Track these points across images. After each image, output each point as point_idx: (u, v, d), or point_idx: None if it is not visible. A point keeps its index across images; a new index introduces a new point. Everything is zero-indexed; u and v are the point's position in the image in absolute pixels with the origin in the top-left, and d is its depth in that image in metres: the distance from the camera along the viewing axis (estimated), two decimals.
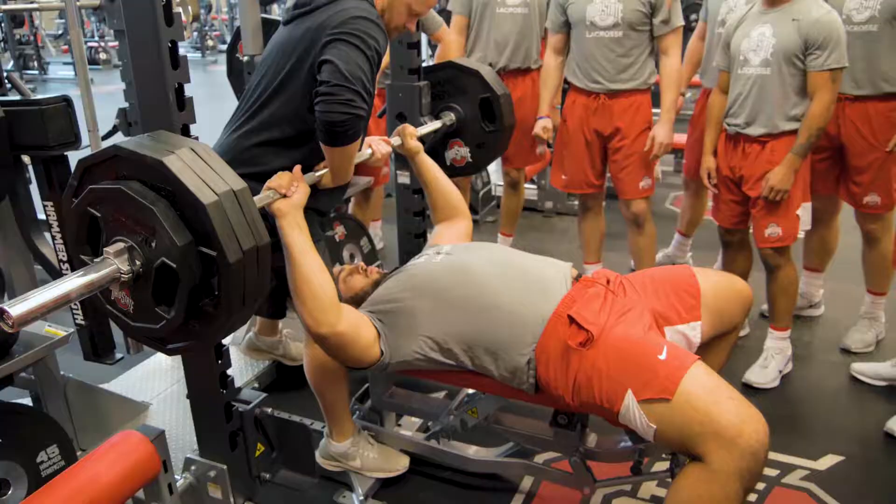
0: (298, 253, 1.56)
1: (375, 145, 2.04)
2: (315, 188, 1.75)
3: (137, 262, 1.18)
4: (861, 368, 2.68)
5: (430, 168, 2.20)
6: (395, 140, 2.12)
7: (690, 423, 1.40)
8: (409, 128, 2.16)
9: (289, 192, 1.59)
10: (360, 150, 1.93)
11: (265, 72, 1.83)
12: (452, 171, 2.55)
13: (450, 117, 2.44)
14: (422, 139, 2.20)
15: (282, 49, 1.80)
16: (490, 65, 3.24)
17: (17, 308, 1.03)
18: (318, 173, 1.77)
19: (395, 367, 1.76)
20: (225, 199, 1.17)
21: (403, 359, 1.72)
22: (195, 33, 14.61)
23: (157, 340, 1.30)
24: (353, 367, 1.74)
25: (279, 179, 1.60)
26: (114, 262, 1.16)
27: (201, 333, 1.25)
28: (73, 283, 1.12)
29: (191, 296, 1.19)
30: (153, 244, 1.16)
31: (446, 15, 3.57)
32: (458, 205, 2.21)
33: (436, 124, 2.38)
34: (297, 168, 1.65)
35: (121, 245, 1.18)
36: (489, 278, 1.72)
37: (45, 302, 1.07)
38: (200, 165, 1.18)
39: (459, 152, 2.52)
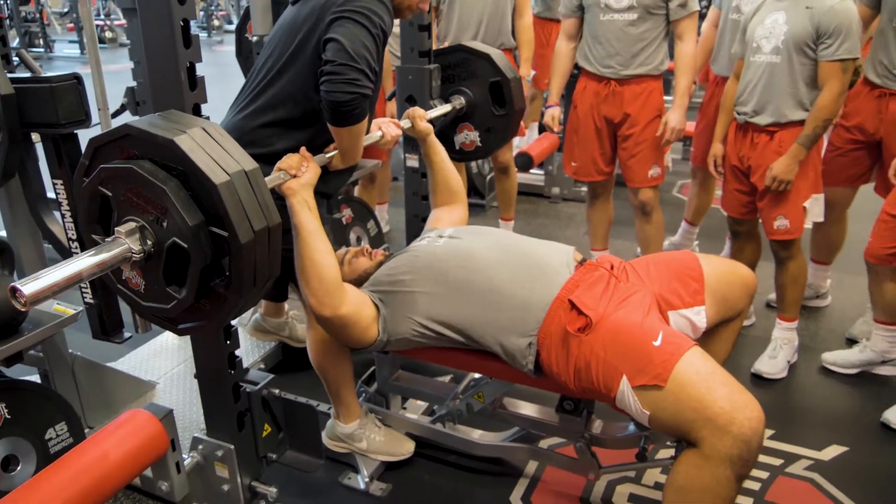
0: (307, 234, 1.57)
1: (385, 127, 2.03)
2: (323, 170, 1.74)
3: (149, 242, 1.18)
4: (832, 359, 2.68)
5: (439, 151, 2.19)
6: (406, 123, 2.11)
7: (684, 410, 1.41)
8: (419, 110, 2.15)
9: (299, 173, 1.59)
10: (368, 131, 1.92)
11: (271, 51, 1.82)
12: (462, 154, 2.54)
13: (459, 101, 2.43)
14: (431, 122, 2.20)
15: (289, 28, 1.79)
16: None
17: (29, 287, 1.03)
18: (327, 155, 1.76)
19: (395, 347, 1.77)
20: (236, 179, 1.16)
21: (402, 336, 1.73)
22: (201, 13, 14.53)
23: (167, 320, 1.30)
24: (354, 346, 1.75)
25: (289, 160, 1.60)
26: (125, 242, 1.16)
27: (212, 314, 1.25)
28: (84, 262, 1.12)
29: (202, 276, 1.19)
30: (164, 224, 1.16)
31: None
32: (459, 191, 2.22)
33: (446, 107, 2.37)
34: (304, 149, 1.65)
35: (132, 224, 1.18)
36: (491, 262, 1.72)
37: (57, 281, 1.07)
38: (212, 145, 1.18)
39: (469, 136, 2.51)
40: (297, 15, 1.77)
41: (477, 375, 2.03)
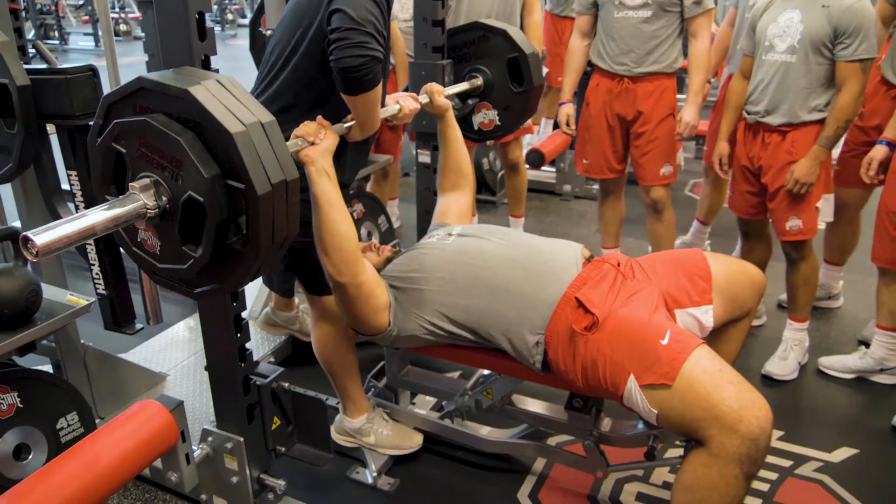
0: (326, 203, 1.56)
1: (403, 101, 2.01)
2: (340, 157, 1.74)
3: (164, 198, 1.15)
4: (829, 363, 2.66)
5: (455, 129, 2.17)
6: (424, 98, 2.08)
7: (692, 409, 1.41)
8: (436, 85, 2.12)
9: (317, 140, 1.57)
10: (384, 104, 1.90)
11: (279, 39, 1.83)
12: (480, 135, 2.52)
13: (477, 80, 2.39)
14: (449, 99, 2.17)
15: (294, 14, 1.79)
16: None
17: (41, 237, 1.01)
18: (346, 124, 1.72)
19: (405, 343, 1.77)
20: (252, 129, 1.13)
21: (411, 333, 1.73)
22: (215, 6, 14.56)
23: (183, 283, 1.26)
24: (361, 329, 1.75)
25: (306, 127, 1.58)
26: (140, 198, 1.13)
27: (229, 274, 1.21)
28: (98, 215, 1.10)
29: (218, 232, 1.15)
30: (180, 179, 1.13)
31: None
32: (469, 175, 2.20)
33: (463, 85, 2.34)
34: (321, 117, 1.63)
35: (147, 180, 1.15)
36: (500, 260, 1.72)
37: (69, 233, 1.05)
38: (227, 96, 1.15)
39: (487, 115, 2.48)
40: (300, 1, 1.77)
41: (486, 372, 2.03)
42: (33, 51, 2.92)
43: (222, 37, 13.94)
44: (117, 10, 13.85)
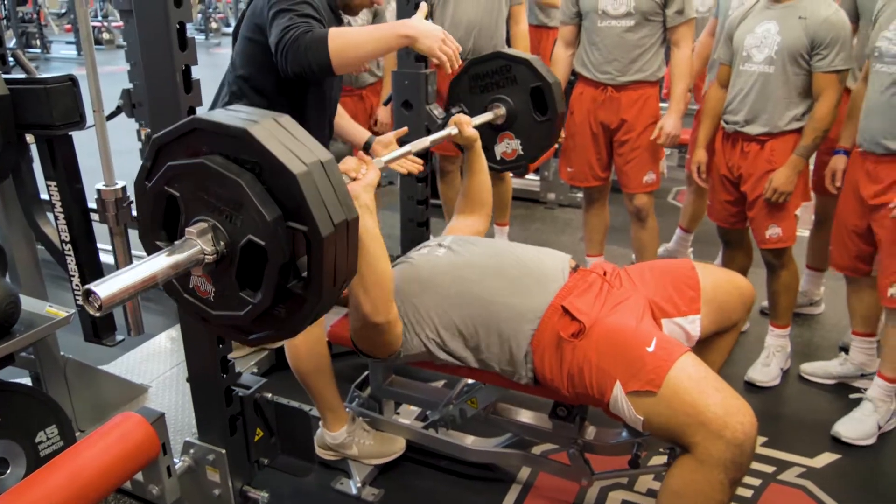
0: (370, 239, 1.52)
1: (408, 165, 2.10)
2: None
3: (221, 243, 1.10)
4: (811, 369, 2.68)
5: (482, 159, 2.17)
6: (452, 129, 2.07)
7: (677, 415, 1.42)
8: (464, 117, 2.12)
9: (359, 175, 1.55)
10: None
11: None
12: (503, 164, 2.49)
13: (500, 110, 2.38)
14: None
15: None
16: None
17: (104, 288, 0.97)
18: (384, 158, 1.70)
19: (404, 361, 1.76)
20: (314, 169, 1.08)
21: (415, 351, 1.73)
22: (199, 15, 14.53)
23: (238, 330, 1.21)
24: (377, 356, 1.72)
25: (346, 163, 1.57)
26: (197, 243, 1.08)
27: (287, 320, 1.16)
28: (159, 262, 1.05)
29: (279, 276, 1.10)
30: (238, 221, 1.08)
31: None
32: (488, 204, 2.20)
33: (487, 115, 2.33)
34: (360, 152, 1.62)
35: (204, 224, 1.10)
36: (488, 272, 1.72)
37: (133, 283, 1.01)
38: (284, 135, 1.11)
39: (510, 145, 2.45)
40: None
41: (470, 381, 2.03)
42: (13, 60, 2.90)
43: (206, 45, 13.90)
44: (100, 18, 13.78)
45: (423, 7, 1.88)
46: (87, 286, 0.95)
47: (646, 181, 2.93)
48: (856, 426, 2.32)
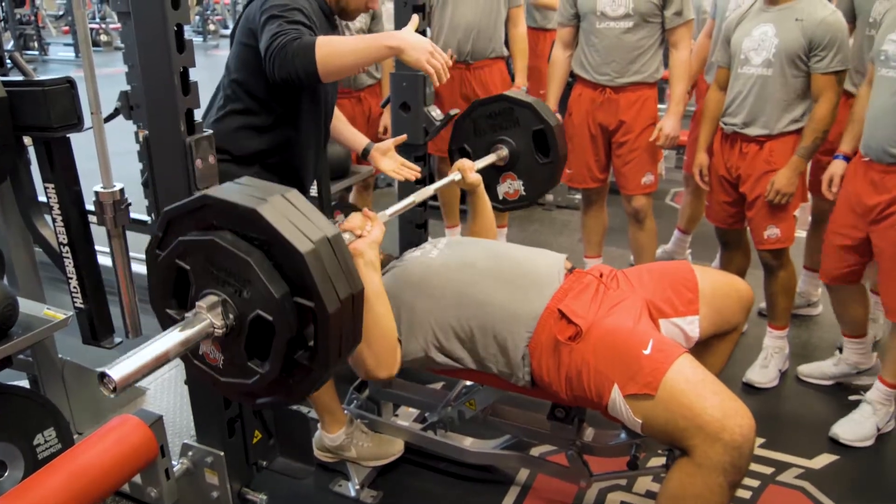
0: (373, 294, 1.53)
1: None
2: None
3: (231, 316, 1.13)
4: (808, 371, 2.68)
5: (486, 202, 2.24)
6: (456, 175, 2.13)
7: (675, 418, 1.42)
8: (467, 162, 2.17)
9: (364, 232, 1.58)
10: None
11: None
12: (505, 203, 2.52)
13: (503, 151, 2.42)
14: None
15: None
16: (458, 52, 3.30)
17: (117, 371, 1.01)
18: (388, 211, 1.75)
19: (404, 366, 1.76)
20: (321, 246, 1.11)
21: (412, 356, 1.73)
22: (197, 17, 14.53)
23: (246, 395, 1.25)
24: (376, 380, 1.74)
25: (352, 221, 1.60)
26: (207, 317, 1.11)
27: (294, 388, 1.20)
28: (170, 341, 1.08)
29: (287, 349, 1.14)
30: (247, 296, 1.11)
31: None
32: (492, 236, 2.26)
33: (490, 158, 2.37)
34: (366, 209, 1.65)
35: (213, 298, 1.13)
36: (484, 274, 1.73)
37: (145, 363, 1.04)
38: (292, 212, 1.13)
39: (513, 185, 2.49)
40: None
41: (468, 383, 2.03)
42: (11, 62, 2.89)
43: (204, 47, 13.89)
44: (98, 20, 13.77)
45: (415, 19, 1.91)
46: (101, 369, 0.99)
47: (644, 182, 2.94)
48: (854, 428, 2.32)
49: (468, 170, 2.14)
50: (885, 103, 2.12)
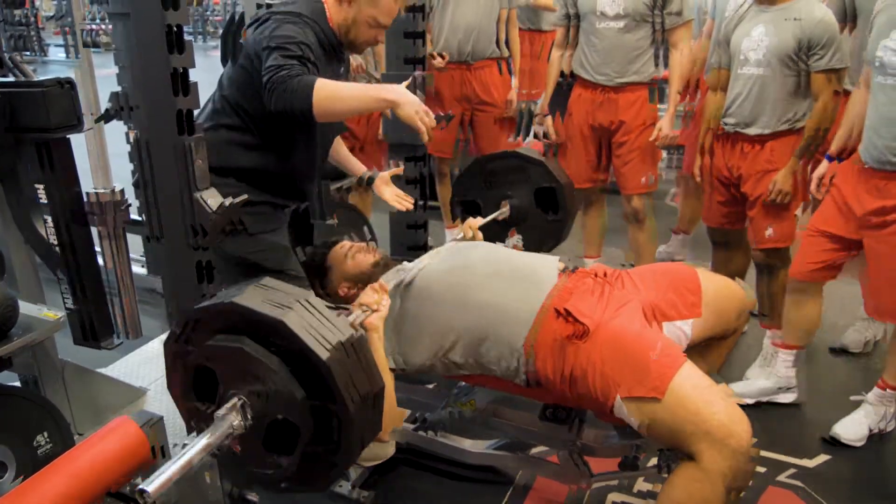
0: (381, 366, 1.52)
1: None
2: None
3: (249, 416, 1.17)
4: (739, 390, 2.59)
5: None
6: (467, 233, 2.17)
7: (682, 423, 1.42)
8: (472, 221, 2.21)
9: (380, 308, 1.63)
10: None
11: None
12: None
13: (507, 208, 2.44)
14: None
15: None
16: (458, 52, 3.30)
17: (152, 485, 1.06)
18: (394, 282, 1.78)
19: (413, 373, 1.77)
20: (340, 350, 1.15)
21: (419, 364, 1.73)
22: (196, 18, 14.51)
23: (266, 482, 1.28)
24: None
25: (369, 297, 1.65)
26: (230, 419, 1.16)
27: (317, 479, 1.24)
28: (195, 449, 1.13)
29: (308, 445, 1.18)
30: (267, 398, 1.16)
31: None
32: None
33: (496, 215, 2.40)
34: (380, 282, 1.69)
35: (236, 400, 1.17)
36: (482, 278, 1.74)
37: (174, 473, 1.09)
38: (313, 319, 1.17)
39: (521, 241, 2.52)
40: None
41: (465, 383, 2.03)
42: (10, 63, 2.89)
43: (203, 48, 13.88)
44: (97, 22, 13.75)
45: (409, 80, 1.97)
46: (139, 486, 1.06)
47: (643, 182, 2.94)
48: (855, 428, 2.32)
49: (472, 228, 2.19)
50: (885, 112, 2.08)
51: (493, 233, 2.34)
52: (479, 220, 2.22)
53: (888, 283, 2.20)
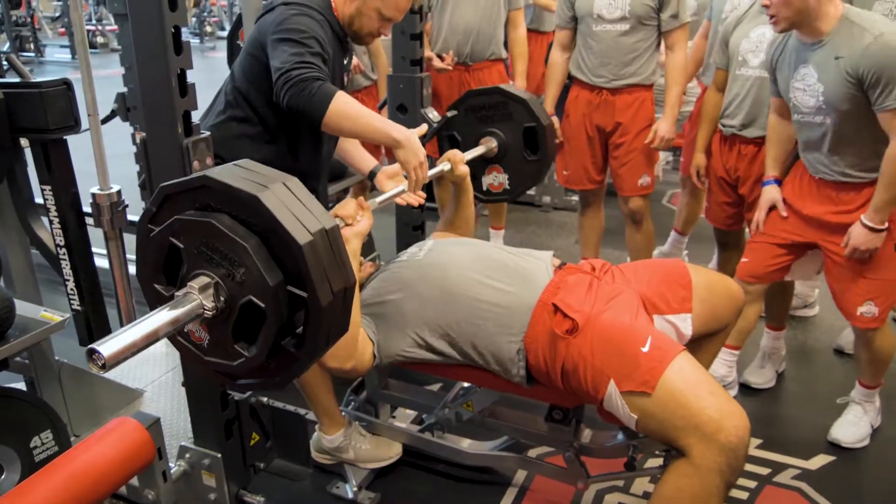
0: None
1: (408, 198, 2.12)
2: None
3: (221, 298, 1.11)
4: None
5: (470, 193, 2.19)
6: (446, 165, 2.10)
7: (672, 417, 1.42)
8: (458, 154, 2.13)
9: (354, 222, 1.58)
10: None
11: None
12: (488, 195, 2.51)
13: (492, 143, 2.40)
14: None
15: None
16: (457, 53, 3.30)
17: (107, 347, 0.99)
18: (380, 198, 1.76)
19: (386, 364, 1.76)
20: (319, 238, 1.10)
21: (394, 354, 1.72)
22: (194, 19, 14.53)
23: (227, 376, 1.24)
24: (351, 378, 1.72)
25: (345, 208, 1.59)
26: (198, 298, 1.10)
27: (279, 373, 1.19)
28: (159, 319, 1.06)
29: (275, 335, 1.14)
30: (239, 280, 1.10)
31: None
32: (469, 232, 2.22)
33: (480, 150, 2.36)
34: (361, 199, 1.65)
35: (205, 280, 1.11)
36: (471, 272, 1.73)
37: (135, 340, 1.03)
38: (293, 201, 1.12)
39: (498, 178, 2.47)
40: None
41: (466, 384, 2.03)
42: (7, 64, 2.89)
43: (201, 49, 13.89)
44: (94, 22, 13.76)
45: (423, 127, 1.95)
46: (90, 346, 0.97)
47: (641, 184, 2.94)
48: (853, 430, 2.32)
49: (458, 162, 2.11)
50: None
51: (473, 168, 2.29)
52: (463, 155, 2.15)
53: (842, 286, 2.19)
